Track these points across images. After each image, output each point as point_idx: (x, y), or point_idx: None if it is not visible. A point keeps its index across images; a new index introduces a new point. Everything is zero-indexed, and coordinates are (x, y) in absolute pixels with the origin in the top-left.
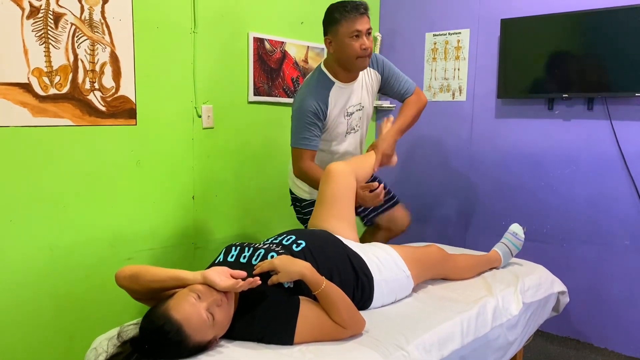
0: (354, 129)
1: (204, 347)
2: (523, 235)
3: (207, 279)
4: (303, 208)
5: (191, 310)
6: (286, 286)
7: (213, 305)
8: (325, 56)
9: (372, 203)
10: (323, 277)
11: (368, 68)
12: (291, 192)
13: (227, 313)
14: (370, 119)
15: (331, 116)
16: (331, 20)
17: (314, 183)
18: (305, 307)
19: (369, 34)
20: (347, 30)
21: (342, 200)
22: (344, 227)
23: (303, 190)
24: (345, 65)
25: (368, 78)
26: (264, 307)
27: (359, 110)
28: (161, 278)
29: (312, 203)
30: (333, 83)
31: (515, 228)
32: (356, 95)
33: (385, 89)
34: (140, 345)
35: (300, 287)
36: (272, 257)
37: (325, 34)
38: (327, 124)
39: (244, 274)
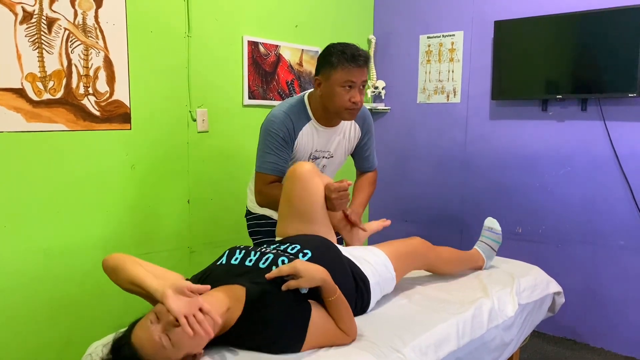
0: None
1: None
2: (499, 228)
3: (164, 301)
4: (248, 220)
5: (143, 335)
6: (303, 292)
7: (169, 326)
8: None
9: (340, 205)
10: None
11: (353, 121)
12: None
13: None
14: (337, 170)
15: (296, 152)
16: (326, 62)
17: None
18: (315, 314)
19: (363, 86)
20: (340, 78)
21: (315, 203)
22: (325, 233)
23: (251, 202)
24: (328, 111)
25: (350, 130)
26: (276, 313)
27: (326, 158)
28: (131, 280)
29: (256, 217)
30: (309, 120)
31: (489, 222)
32: (329, 143)
33: (354, 149)
34: None
35: (312, 293)
36: (282, 261)
37: (316, 73)
38: (292, 157)
39: (206, 288)
